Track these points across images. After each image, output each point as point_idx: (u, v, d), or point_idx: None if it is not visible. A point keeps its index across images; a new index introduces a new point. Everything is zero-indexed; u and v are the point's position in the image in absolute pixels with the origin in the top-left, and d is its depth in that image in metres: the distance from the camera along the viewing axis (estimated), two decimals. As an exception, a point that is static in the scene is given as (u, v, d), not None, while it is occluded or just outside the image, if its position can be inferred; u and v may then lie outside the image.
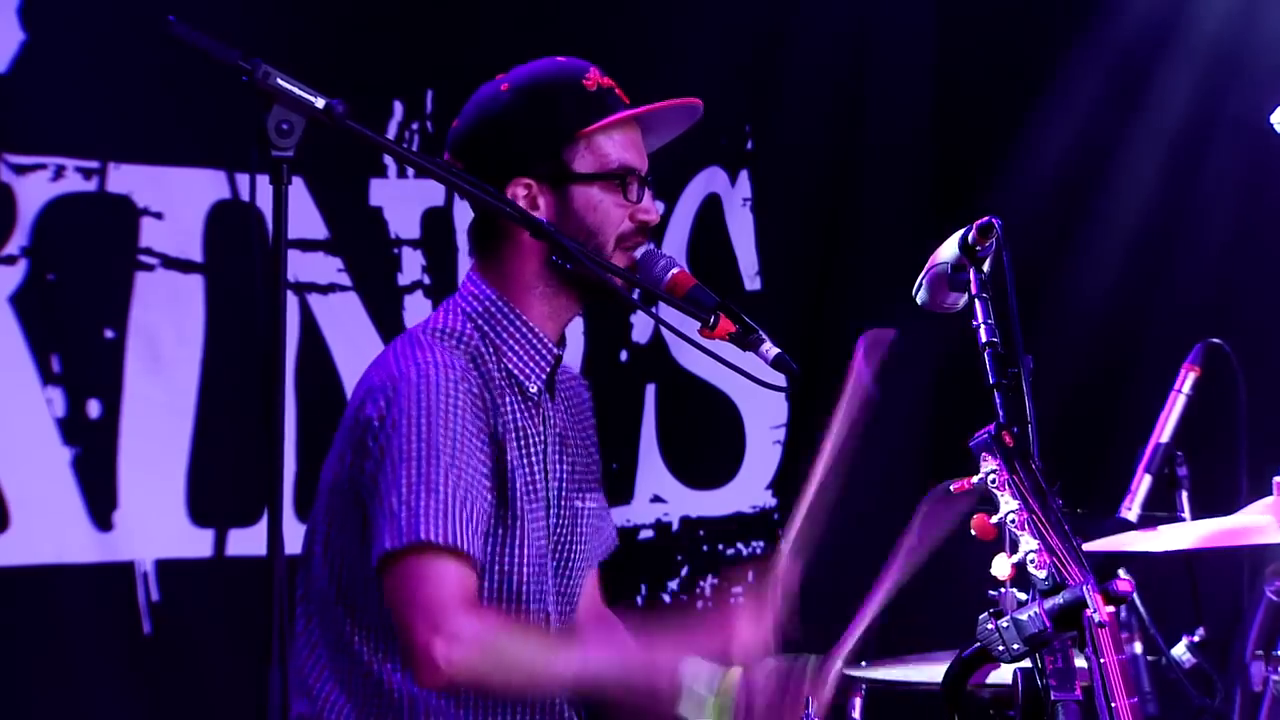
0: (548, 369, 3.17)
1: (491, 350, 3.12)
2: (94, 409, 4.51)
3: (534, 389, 3.15)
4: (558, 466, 3.21)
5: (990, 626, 2.61)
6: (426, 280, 5.04)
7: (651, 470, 5.62)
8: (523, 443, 3.12)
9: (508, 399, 3.11)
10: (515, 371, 3.13)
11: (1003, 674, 3.55)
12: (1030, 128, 5.91)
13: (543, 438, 3.17)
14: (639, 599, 5.55)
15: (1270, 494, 3.76)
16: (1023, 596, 2.63)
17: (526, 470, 3.12)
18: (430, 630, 2.90)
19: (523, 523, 3.09)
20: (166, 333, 4.62)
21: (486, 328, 3.13)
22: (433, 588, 2.92)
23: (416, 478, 2.93)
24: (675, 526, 5.67)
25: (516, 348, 3.14)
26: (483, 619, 2.97)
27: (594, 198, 3.13)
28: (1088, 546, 2.70)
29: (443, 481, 2.94)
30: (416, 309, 4.97)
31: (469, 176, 2.94)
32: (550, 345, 3.16)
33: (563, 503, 3.21)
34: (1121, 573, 2.61)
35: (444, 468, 2.94)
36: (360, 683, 3.08)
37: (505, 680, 3.00)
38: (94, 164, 4.53)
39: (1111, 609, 2.58)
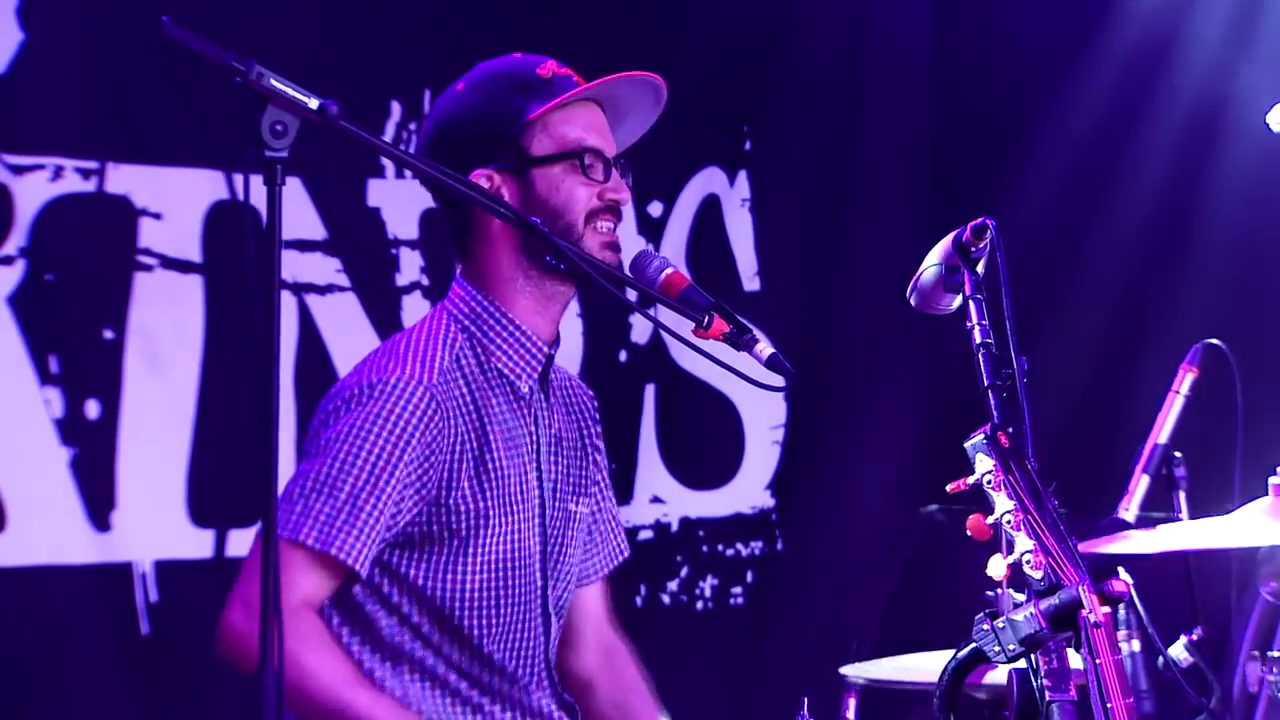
0: (539, 367, 3.15)
1: (480, 350, 3.10)
2: (93, 409, 4.51)
3: (525, 388, 3.13)
4: (552, 468, 3.19)
5: (986, 627, 2.60)
6: (425, 281, 5.03)
7: (651, 471, 5.62)
8: (511, 443, 3.10)
9: (496, 400, 3.09)
10: (505, 371, 3.11)
11: (998, 674, 3.56)
12: (1029, 128, 5.90)
13: (535, 438, 3.15)
14: (638, 600, 5.55)
15: (1266, 495, 3.76)
16: (1019, 597, 2.63)
17: (517, 471, 3.09)
18: (239, 597, 2.90)
19: (494, 527, 3.05)
20: (165, 333, 4.62)
21: (474, 329, 3.11)
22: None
23: (325, 475, 2.93)
24: (675, 527, 5.67)
25: (505, 347, 3.11)
26: (296, 617, 2.87)
27: (555, 178, 3.10)
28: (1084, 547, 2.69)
29: (347, 488, 2.91)
30: (414, 309, 4.96)
31: (457, 174, 2.91)
32: (539, 344, 3.13)
33: (556, 505, 3.19)
34: (1119, 572, 2.61)
35: (354, 475, 2.92)
36: None
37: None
38: (93, 164, 4.53)
39: (1107, 609, 2.58)
